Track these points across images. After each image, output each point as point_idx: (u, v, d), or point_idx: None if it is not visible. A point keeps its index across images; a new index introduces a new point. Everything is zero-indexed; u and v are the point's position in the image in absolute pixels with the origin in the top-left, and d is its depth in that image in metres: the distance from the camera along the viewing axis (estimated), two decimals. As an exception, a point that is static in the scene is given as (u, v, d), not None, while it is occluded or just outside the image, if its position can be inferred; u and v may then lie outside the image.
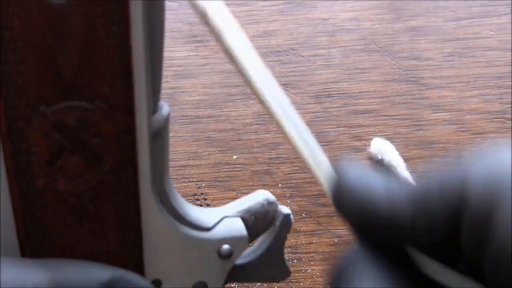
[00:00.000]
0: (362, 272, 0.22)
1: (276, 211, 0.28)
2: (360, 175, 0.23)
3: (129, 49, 0.21)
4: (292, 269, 0.42)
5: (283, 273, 0.30)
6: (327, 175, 0.25)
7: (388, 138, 0.48)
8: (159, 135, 0.24)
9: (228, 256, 0.27)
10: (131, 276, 0.24)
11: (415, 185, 0.22)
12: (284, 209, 0.29)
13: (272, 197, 0.29)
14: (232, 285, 0.41)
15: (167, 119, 0.25)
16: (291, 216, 0.29)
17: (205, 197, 0.46)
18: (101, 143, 0.23)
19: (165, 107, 0.25)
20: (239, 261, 0.28)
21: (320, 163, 0.25)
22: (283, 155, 0.47)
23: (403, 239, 0.22)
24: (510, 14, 0.54)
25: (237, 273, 0.29)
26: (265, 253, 0.29)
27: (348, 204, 0.23)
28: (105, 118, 0.22)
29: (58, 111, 0.22)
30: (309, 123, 0.49)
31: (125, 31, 0.21)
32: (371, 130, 0.49)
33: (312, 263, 0.43)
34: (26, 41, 0.21)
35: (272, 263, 0.29)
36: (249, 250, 0.30)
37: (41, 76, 0.21)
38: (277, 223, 0.29)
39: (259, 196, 0.29)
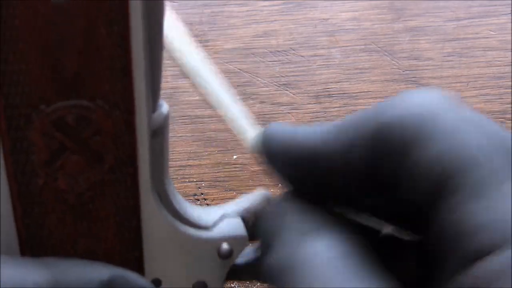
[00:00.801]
0: (288, 216, 0.23)
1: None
2: (285, 126, 0.24)
3: (129, 48, 0.21)
4: (292, 269, 0.42)
5: None
6: (252, 133, 0.27)
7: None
8: (159, 134, 0.24)
9: (228, 255, 0.27)
10: (131, 275, 0.24)
11: (334, 123, 0.23)
12: None
13: (272, 197, 0.29)
14: (232, 284, 0.41)
15: (167, 118, 0.25)
16: None
17: (205, 197, 0.46)
18: (101, 142, 0.23)
19: (164, 106, 0.25)
20: (239, 260, 0.29)
21: (245, 126, 0.27)
22: (283, 155, 0.47)
23: (324, 173, 0.23)
24: (510, 14, 0.54)
25: (237, 272, 0.29)
26: None
27: (274, 147, 0.24)
28: (105, 116, 0.22)
29: (59, 109, 0.22)
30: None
31: (126, 30, 0.21)
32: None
33: (312, 263, 0.43)
34: (27, 41, 0.21)
35: None
36: (249, 249, 0.30)
37: (42, 75, 0.21)
38: None
39: (259, 196, 0.29)
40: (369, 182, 0.22)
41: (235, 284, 0.41)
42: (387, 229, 0.23)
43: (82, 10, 0.21)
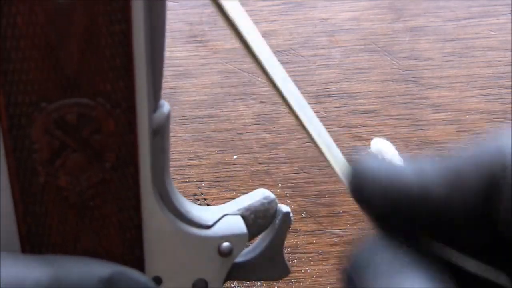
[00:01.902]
0: (378, 255, 0.22)
1: (275, 209, 0.29)
2: (379, 162, 0.22)
3: (130, 47, 0.22)
4: (292, 269, 0.42)
5: (282, 271, 0.30)
6: (343, 166, 0.25)
7: (388, 138, 0.48)
8: (160, 133, 0.25)
9: (228, 253, 0.27)
10: (132, 272, 0.24)
11: (447, 161, 0.21)
12: (284, 208, 0.29)
13: (271, 195, 0.29)
14: (232, 284, 0.41)
15: (167, 117, 0.25)
16: (291, 215, 0.29)
17: (205, 197, 0.46)
18: (102, 141, 0.23)
19: (165, 105, 0.25)
20: (239, 259, 0.29)
21: (335, 156, 0.25)
22: (283, 155, 0.47)
23: (437, 219, 0.21)
24: (510, 14, 0.54)
25: (237, 271, 0.29)
26: (265, 251, 0.29)
27: (372, 190, 0.22)
28: (106, 115, 0.23)
29: (60, 108, 0.22)
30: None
31: (127, 29, 0.21)
32: (371, 130, 0.49)
33: (312, 263, 0.43)
34: (29, 39, 0.21)
35: (272, 262, 0.29)
36: (248, 248, 0.30)
37: (44, 74, 0.22)
38: (277, 221, 0.29)
39: (259, 194, 0.29)
40: (475, 224, 0.20)
41: (235, 284, 0.41)
42: (485, 272, 0.21)
43: (84, 9, 0.21)
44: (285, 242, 0.30)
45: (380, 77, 0.51)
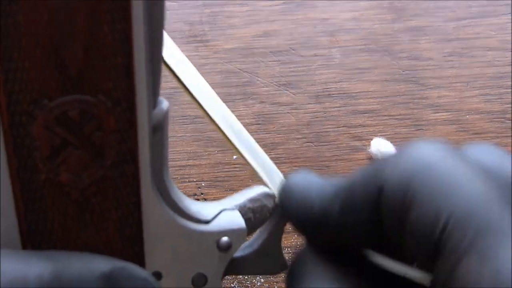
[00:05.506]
0: (310, 271, 0.25)
1: (273, 204, 0.29)
2: (303, 179, 0.27)
3: (131, 45, 0.22)
4: (292, 269, 0.42)
5: (280, 265, 0.30)
6: (278, 183, 0.28)
7: (388, 138, 0.48)
8: (159, 129, 0.25)
9: (227, 248, 0.27)
10: (132, 268, 0.24)
11: (342, 182, 0.25)
12: None
13: (270, 191, 0.29)
14: (232, 284, 0.41)
15: (166, 114, 0.25)
16: None
17: (205, 197, 0.46)
18: (103, 137, 0.23)
19: (164, 102, 0.25)
20: (237, 254, 0.29)
21: (271, 173, 0.29)
22: (283, 155, 0.47)
23: (334, 231, 0.25)
24: (510, 14, 0.54)
25: (236, 266, 0.29)
26: (263, 246, 0.29)
27: (289, 205, 0.27)
28: (107, 112, 0.23)
29: (61, 104, 0.22)
30: (309, 123, 0.49)
31: (128, 28, 0.21)
32: (371, 130, 0.49)
33: (312, 263, 0.43)
34: (31, 38, 0.21)
35: (270, 256, 0.30)
36: (246, 243, 0.30)
37: (46, 73, 0.22)
38: (275, 216, 0.29)
39: (257, 190, 0.29)
40: (378, 241, 0.24)
41: (235, 284, 0.41)
42: (406, 271, 0.24)
43: (86, 8, 0.21)
44: (285, 242, 0.30)
45: (380, 77, 0.51)
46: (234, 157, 0.47)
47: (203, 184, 0.46)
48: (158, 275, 0.27)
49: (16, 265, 0.22)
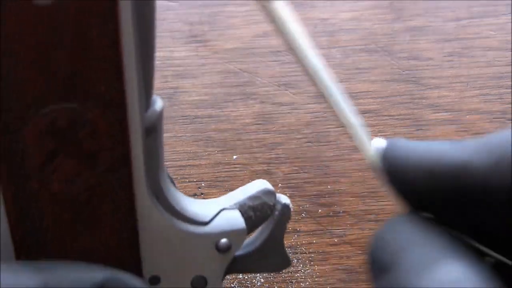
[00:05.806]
0: (411, 239, 0.20)
1: (274, 201, 0.28)
2: (410, 141, 0.22)
3: (120, 47, 0.21)
4: (292, 269, 0.42)
5: (284, 263, 0.29)
6: (372, 148, 0.24)
7: (388, 138, 0.48)
8: (153, 131, 0.24)
9: (226, 249, 0.27)
10: (125, 277, 0.24)
11: (490, 138, 0.20)
12: (283, 198, 0.29)
13: (270, 187, 0.28)
14: (232, 284, 0.41)
15: (160, 115, 0.25)
16: (290, 205, 0.29)
17: (205, 197, 0.46)
18: (95, 142, 0.23)
19: (158, 103, 0.25)
20: (238, 252, 0.28)
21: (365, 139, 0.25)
22: (283, 155, 0.47)
23: (476, 194, 0.19)
24: (510, 14, 0.54)
25: (237, 264, 0.29)
26: (265, 243, 0.29)
27: (406, 161, 0.21)
28: (99, 117, 0.22)
29: (53, 111, 0.22)
30: (309, 123, 0.49)
31: (117, 30, 0.21)
32: (371, 130, 0.49)
33: (312, 263, 0.43)
34: (20, 45, 0.21)
35: (273, 253, 0.29)
36: (248, 240, 0.30)
37: (36, 78, 0.21)
38: (276, 212, 0.28)
39: (257, 186, 0.29)
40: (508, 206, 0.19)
41: (235, 284, 0.41)
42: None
43: (73, 12, 0.21)
44: (285, 242, 0.30)
45: (380, 77, 0.51)
46: (234, 157, 0.47)
47: (203, 184, 0.46)
48: (156, 279, 0.26)
49: (6, 278, 0.21)
